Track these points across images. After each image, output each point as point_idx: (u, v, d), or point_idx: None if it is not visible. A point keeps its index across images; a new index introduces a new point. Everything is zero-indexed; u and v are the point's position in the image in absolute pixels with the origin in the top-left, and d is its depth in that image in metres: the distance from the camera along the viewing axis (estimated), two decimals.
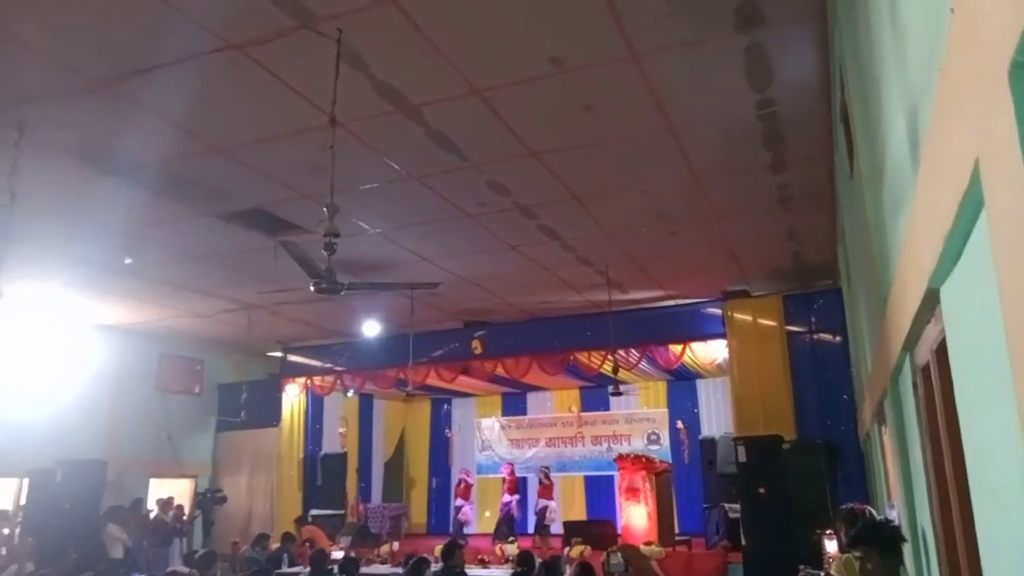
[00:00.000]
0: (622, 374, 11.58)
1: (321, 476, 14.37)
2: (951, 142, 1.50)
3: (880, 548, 3.35)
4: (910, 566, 3.98)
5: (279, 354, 14.73)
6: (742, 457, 9.50)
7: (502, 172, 6.93)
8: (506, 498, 13.89)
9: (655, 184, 7.31)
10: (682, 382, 15.03)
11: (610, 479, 14.51)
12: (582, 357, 12.23)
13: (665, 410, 15.50)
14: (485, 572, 9.24)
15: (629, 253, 9.40)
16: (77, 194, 7.07)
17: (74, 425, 11.58)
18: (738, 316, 11.07)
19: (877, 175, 3.46)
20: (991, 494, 1.82)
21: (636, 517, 11.43)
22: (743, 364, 10.89)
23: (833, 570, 5.42)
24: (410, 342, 11.39)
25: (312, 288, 5.34)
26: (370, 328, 12.40)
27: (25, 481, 10.68)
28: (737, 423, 10.79)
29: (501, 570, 9.38)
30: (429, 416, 17.75)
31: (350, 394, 15.21)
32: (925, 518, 3.39)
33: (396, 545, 11.63)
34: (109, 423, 12.43)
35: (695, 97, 5.68)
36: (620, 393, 12.13)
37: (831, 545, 6.77)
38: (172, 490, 12.97)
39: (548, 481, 13.96)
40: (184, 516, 12.30)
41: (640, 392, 15.64)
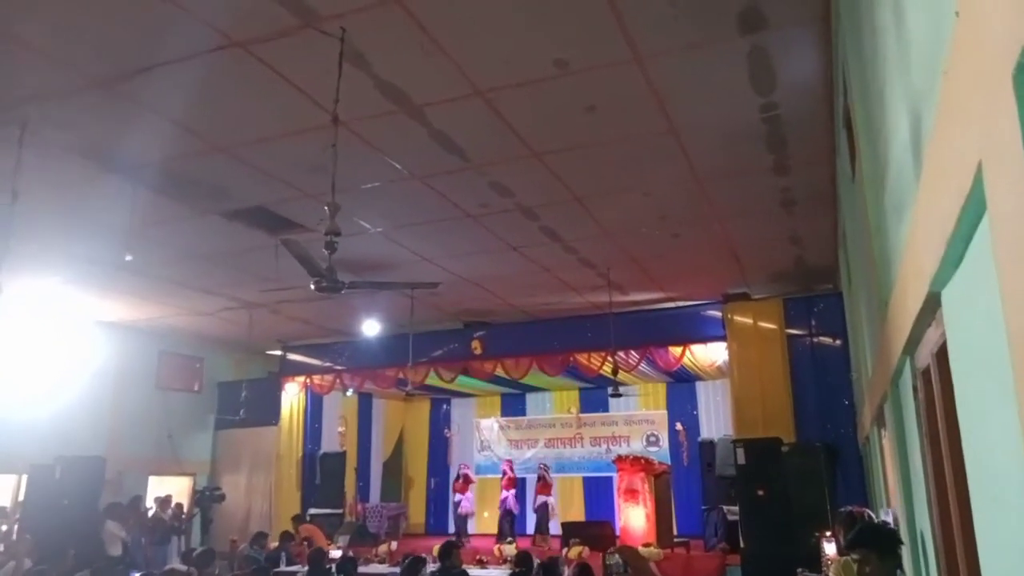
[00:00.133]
0: (622, 376, 11.58)
1: (320, 475, 14.36)
2: (953, 145, 1.50)
3: (879, 551, 3.35)
4: (909, 570, 3.98)
5: (279, 353, 14.73)
6: (741, 459, 9.50)
7: (504, 173, 6.93)
8: (503, 494, 13.87)
9: (657, 186, 7.31)
10: (682, 384, 15.03)
11: (609, 480, 14.51)
12: (582, 358, 12.23)
13: (664, 412, 15.50)
14: (483, 572, 9.23)
15: (631, 254, 9.40)
16: (79, 192, 7.07)
17: (74, 422, 11.58)
18: (738, 319, 11.07)
19: (879, 179, 3.46)
20: (991, 498, 1.82)
21: (635, 518, 11.43)
22: (743, 366, 10.89)
23: (832, 573, 5.42)
24: (410, 342, 11.40)
25: (313, 287, 5.34)
26: (370, 327, 12.40)
27: (24, 477, 10.69)
28: (736, 425, 10.79)
29: (499, 570, 9.37)
30: (428, 416, 17.74)
31: (349, 393, 15.21)
32: (924, 522, 3.40)
33: (394, 545, 11.61)
34: (109, 420, 12.43)
35: (698, 99, 5.69)
36: (619, 395, 12.14)
37: (830, 548, 6.77)
38: (171, 488, 12.97)
39: (547, 477, 13.93)
40: (183, 514, 12.30)
41: (639, 394, 15.65)
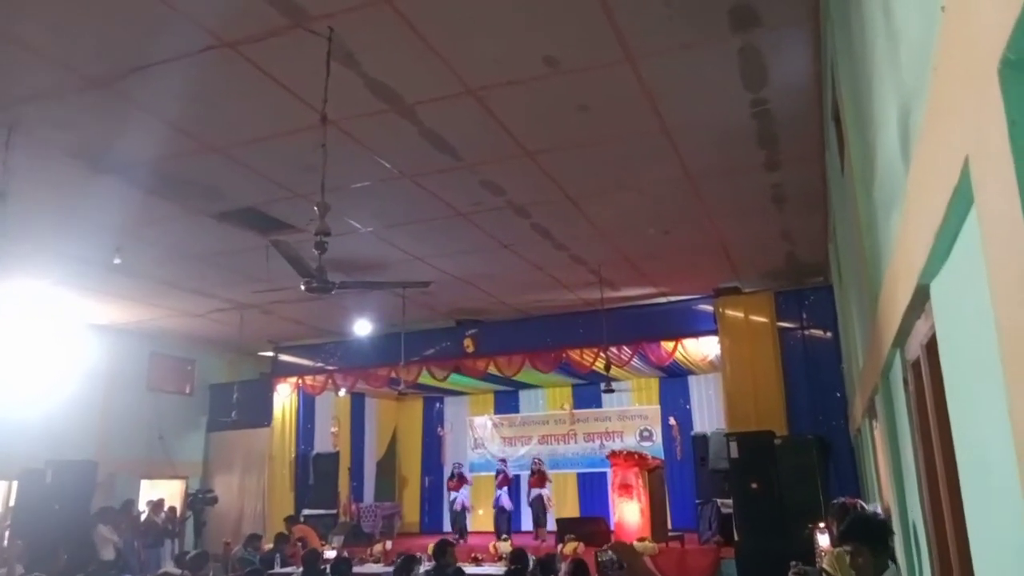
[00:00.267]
0: (614, 371, 11.60)
1: (313, 476, 14.34)
2: (941, 140, 1.51)
3: (870, 543, 3.38)
4: (901, 560, 4.01)
5: (270, 354, 14.67)
6: (734, 453, 9.55)
7: (496, 172, 6.93)
8: (497, 492, 13.92)
9: (649, 183, 7.32)
10: (674, 379, 15.07)
11: (603, 476, 14.56)
12: (574, 355, 12.25)
13: (657, 407, 15.53)
14: (479, 570, 9.24)
15: (622, 252, 9.42)
16: (71, 192, 7.03)
17: (65, 425, 11.49)
18: (730, 313, 11.10)
19: (868, 173, 3.48)
20: (981, 488, 1.84)
21: (629, 513, 11.47)
22: (735, 360, 10.93)
23: (825, 564, 5.45)
24: (402, 341, 11.39)
25: (303, 287, 5.33)
26: (362, 327, 12.37)
27: (14, 482, 10.61)
28: (729, 419, 10.83)
29: (495, 568, 9.39)
30: (421, 415, 17.71)
31: (342, 393, 15.17)
32: (916, 513, 3.42)
33: (389, 544, 11.63)
34: (100, 423, 12.36)
35: (689, 97, 5.70)
36: (612, 390, 12.19)
37: (823, 539, 6.80)
38: (163, 491, 12.91)
39: (542, 469, 13.92)
40: (176, 517, 12.25)
41: (632, 389, 15.69)
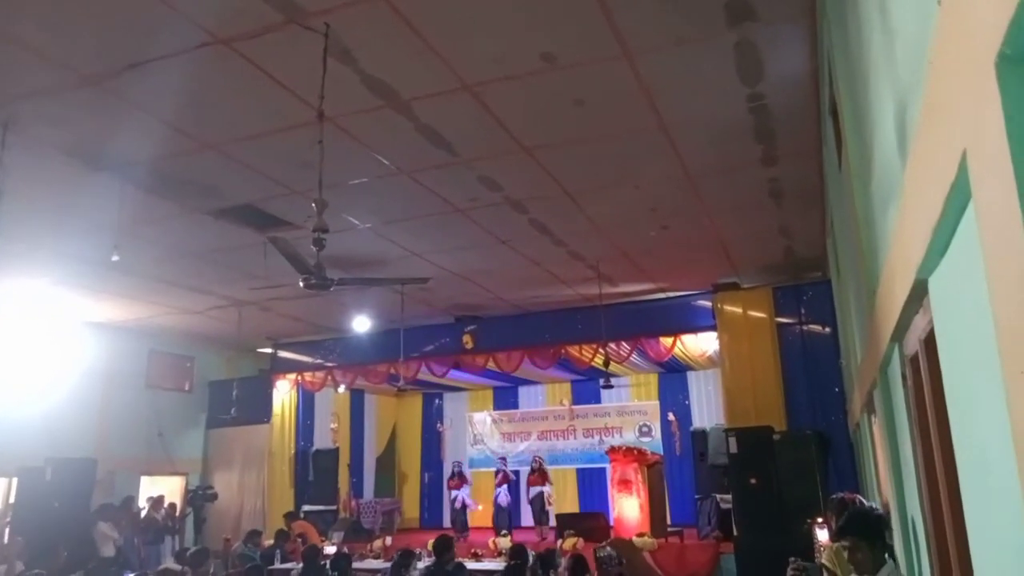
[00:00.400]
0: (613, 367, 11.61)
1: (313, 472, 14.35)
2: (939, 134, 1.50)
3: (868, 538, 3.39)
4: (900, 556, 4.01)
5: (269, 350, 14.68)
6: (733, 448, 9.56)
7: (493, 167, 6.92)
8: (497, 490, 13.95)
9: (646, 179, 7.31)
10: (673, 374, 15.09)
11: (602, 471, 14.57)
12: (573, 350, 12.25)
13: (656, 402, 15.56)
14: (478, 566, 9.25)
15: (620, 247, 9.42)
16: (67, 191, 7.01)
17: (64, 423, 11.50)
18: (728, 308, 11.10)
19: (866, 168, 3.47)
20: (980, 484, 1.84)
21: (628, 509, 11.48)
22: (733, 356, 10.93)
23: (824, 559, 5.47)
24: (401, 337, 11.39)
25: (301, 284, 5.33)
26: (360, 324, 12.37)
27: (14, 480, 10.62)
28: (728, 414, 10.83)
29: (494, 563, 9.41)
30: (421, 411, 17.73)
31: (341, 390, 15.19)
32: (915, 508, 3.42)
33: (389, 540, 11.64)
34: (99, 421, 12.37)
35: (686, 92, 5.69)
36: (611, 386, 12.20)
37: (822, 534, 6.81)
38: (163, 487, 12.92)
39: (543, 466, 13.94)
40: (176, 513, 12.26)
41: (631, 385, 15.71)
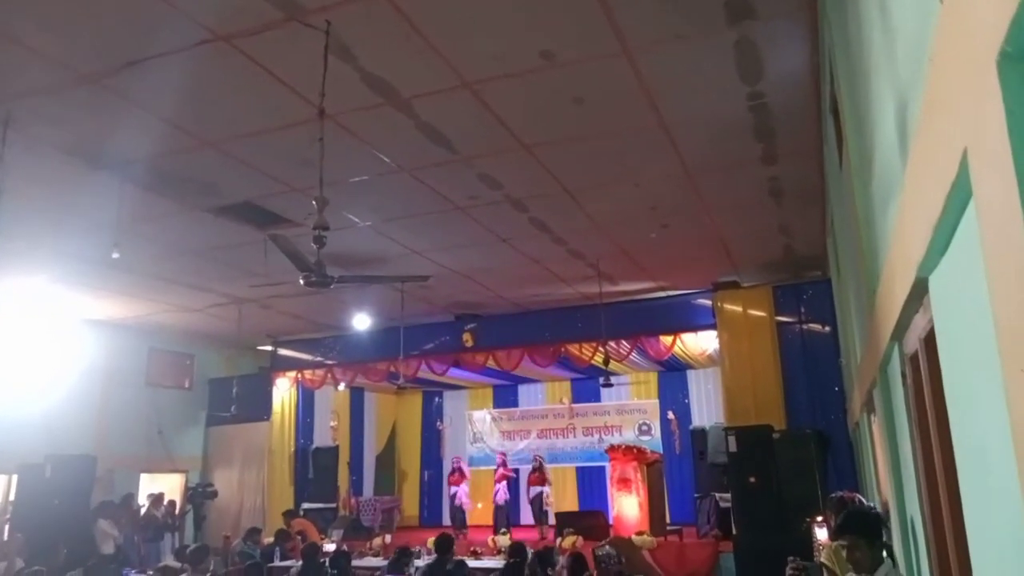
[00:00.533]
0: (613, 365, 11.61)
1: (312, 470, 14.36)
2: (939, 132, 1.50)
3: (866, 536, 3.39)
4: (900, 555, 4.01)
5: (269, 348, 14.68)
6: (733, 447, 9.55)
7: (493, 165, 6.91)
8: (496, 487, 13.95)
9: (646, 177, 7.31)
10: (673, 373, 15.09)
11: (602, 470, 14.57)
12: (573, 349, 12.25)
13: (656, 401, 15.56)
14: (478, 563, 9.26)
15: (620, 246, 9.41)
16: (66, 189, 7.01)
17: (64, 420, 11.51)
18: (728, 307, 11.10)
19: (866, 166, 3.47)
20: (980, 483, 1.83)
21: (628, 507, 11.48)
22: (733, 354, 10.93)
23: (823, 558, 5.47)
24: (401, 335, 11.39)
25: (302, 282, 5.33)
26: (361, 321, 12.37)
27: (14, 477, 10.63)
28: (728, 413, 10.84)
29: (494, 561, 9.41)
30: (420, 409, 17.73)
31: (341, 387, 15.19)
32: (914, 507, 3.42)
33: (388, 538, 11.64)
34: (99, 418, 12.38)
35: (686, 90, 5.68)
36: (611, 384, 12.19)
37: (821, 533, 6.81)
38: (163, 485, 12.92)
39: (543, 466, 13.95)
40: (175, 511, 12.28)
41: (631, 383, 15.70)
